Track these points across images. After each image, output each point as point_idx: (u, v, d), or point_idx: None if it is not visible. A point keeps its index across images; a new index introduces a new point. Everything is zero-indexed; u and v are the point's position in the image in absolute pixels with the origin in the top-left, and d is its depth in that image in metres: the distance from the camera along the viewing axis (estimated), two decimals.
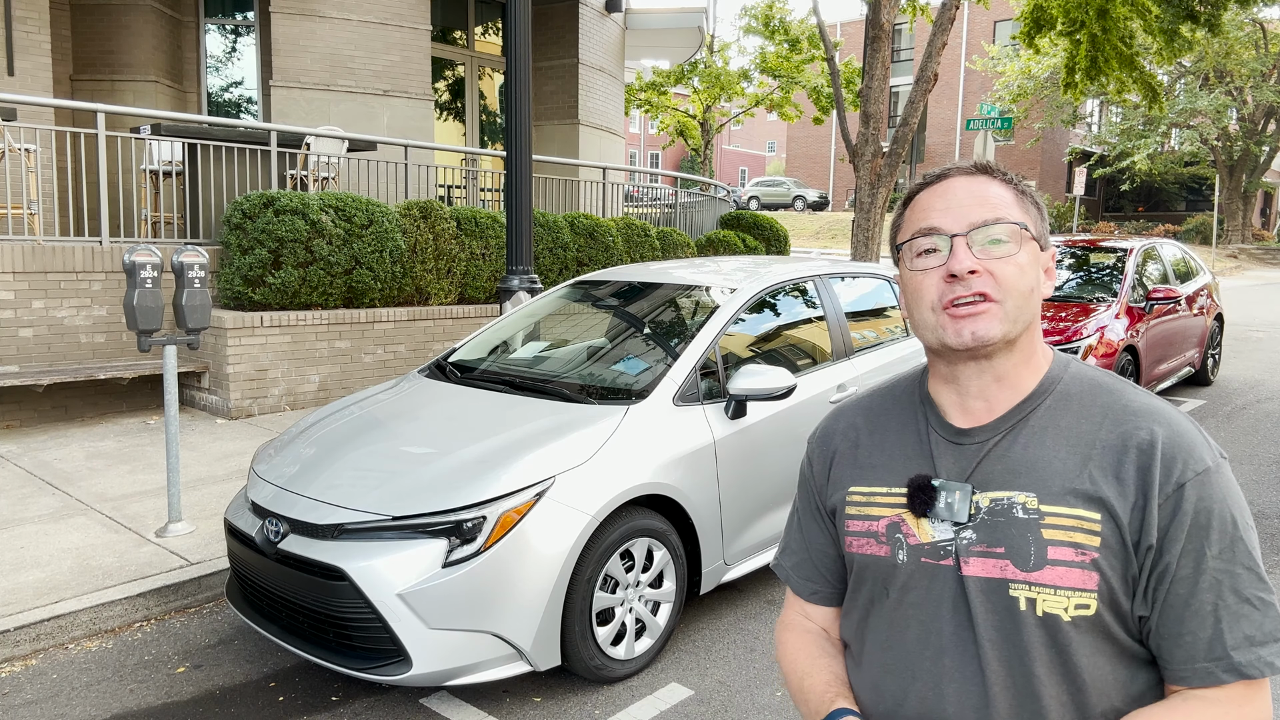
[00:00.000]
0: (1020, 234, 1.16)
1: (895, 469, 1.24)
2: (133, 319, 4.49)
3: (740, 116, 38.14)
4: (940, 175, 1.22)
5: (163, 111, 7.68)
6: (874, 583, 1.23)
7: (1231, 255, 32.74)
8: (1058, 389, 1.19)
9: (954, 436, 1.20)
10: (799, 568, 1.38)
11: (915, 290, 1.18)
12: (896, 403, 1.30)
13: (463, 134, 13.18)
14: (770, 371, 3.90)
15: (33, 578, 4.12)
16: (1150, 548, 1.08)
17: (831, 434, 1.36)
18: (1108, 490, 1.10)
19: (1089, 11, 11.09)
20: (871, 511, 1.24)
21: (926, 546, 1.18)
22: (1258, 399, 9.10)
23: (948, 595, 1.16)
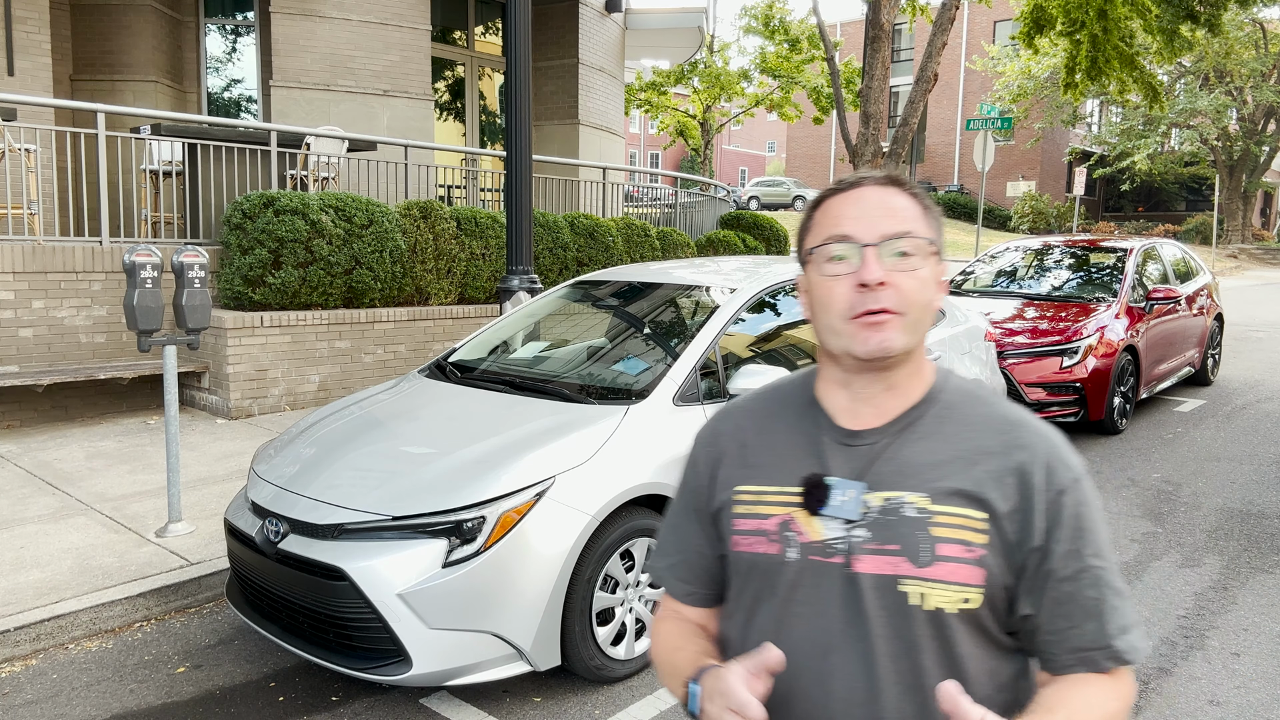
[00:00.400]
0: (926, 249, 1.21)
1: (785, 469, 1.25)
2: (133, 319, 4.49)
3: (740, 116, 38.14)
4: (853, 183, 1.24)
5: (163, 111, 7.69)
6: (761, 581, 1.24)
7: (1231, 255, 32.75)
8: (942, 398, 1.25)
9: (845, 439, 1.23)
10: (675, 569, 1.37)
11: (825, 296, 1.20)
12: (784, 405, 1.32)
13: (463, 134, 13.18)
14: (770, 372, 3.91)
15: (33, 578, 4.12)
16: (1034, 549, 1.16)
17: (718, 435, 1.35)
18: (992, 493, 1.17)
19: (1089, 11, 11.09)
20: (761, 510, 1.25)
21: (817, 544, 1.20)
22: (1258, 399, 9.10)
23: (836, 592, 1.18)
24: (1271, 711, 3.34)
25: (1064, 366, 7.22)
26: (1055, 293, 8.54)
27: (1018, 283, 9.01)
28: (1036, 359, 7.29)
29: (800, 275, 1.29)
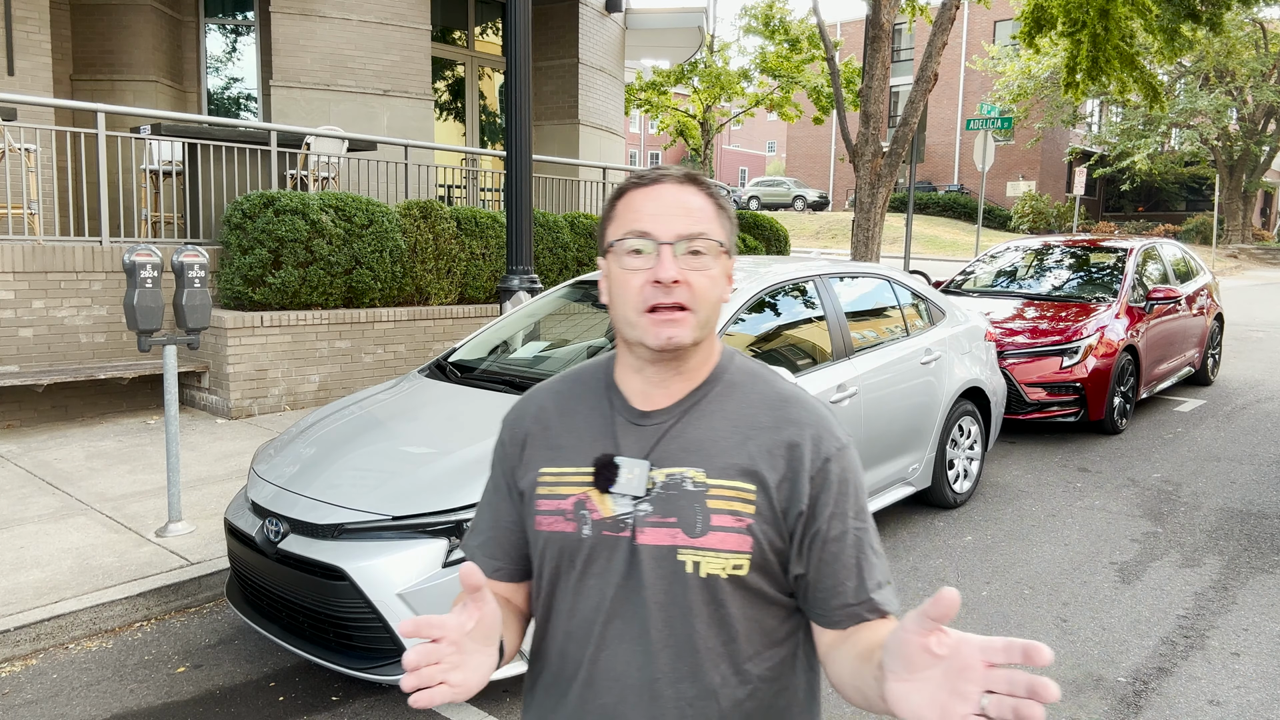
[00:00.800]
0: (717, 249, 1.28)
1: (583, 450, 1.32)
2: (133, 319, 4.49)
3: (740, 116, 38.12)
4: (654, 179, 1.29)
5: (163, 111, 7.69)
6: (561, 558, 1.31)
7: (1231, 255, 32.75)
8: (725, 378, 1.35)
9: (636, 419, 1.31)
10: (485, 546, 1.42)
11: (623, 287, 1.26)
12: (585, 388, 1.39)
13: (463, 134, 13.18)
14: None
15: (33, 578, 4.12)
16: (801, 514, 1.26)
17: (523, 417, 1.41)
18: (762, 465, 1.26)
19: (1090, 11, 11.09)
20: (561, 490, 1.32)
21: (608, 520, 1.27)
22: (1258, 399, 9.10)
23: (622, 564, 1.26)
24: (1271, 711, 3.34)
25: (1064, 366, 7.23)
26: (1055, 293, 8.54)
27: (1018, 282, 9.01)
28: (1036, 359, 7.29)
29: (601, 261, 1.33)
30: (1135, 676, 3.58)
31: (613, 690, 1.28)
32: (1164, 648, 3.80)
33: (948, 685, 0.94)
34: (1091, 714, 3.31)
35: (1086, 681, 3.54)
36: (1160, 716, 3.30)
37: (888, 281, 5.61)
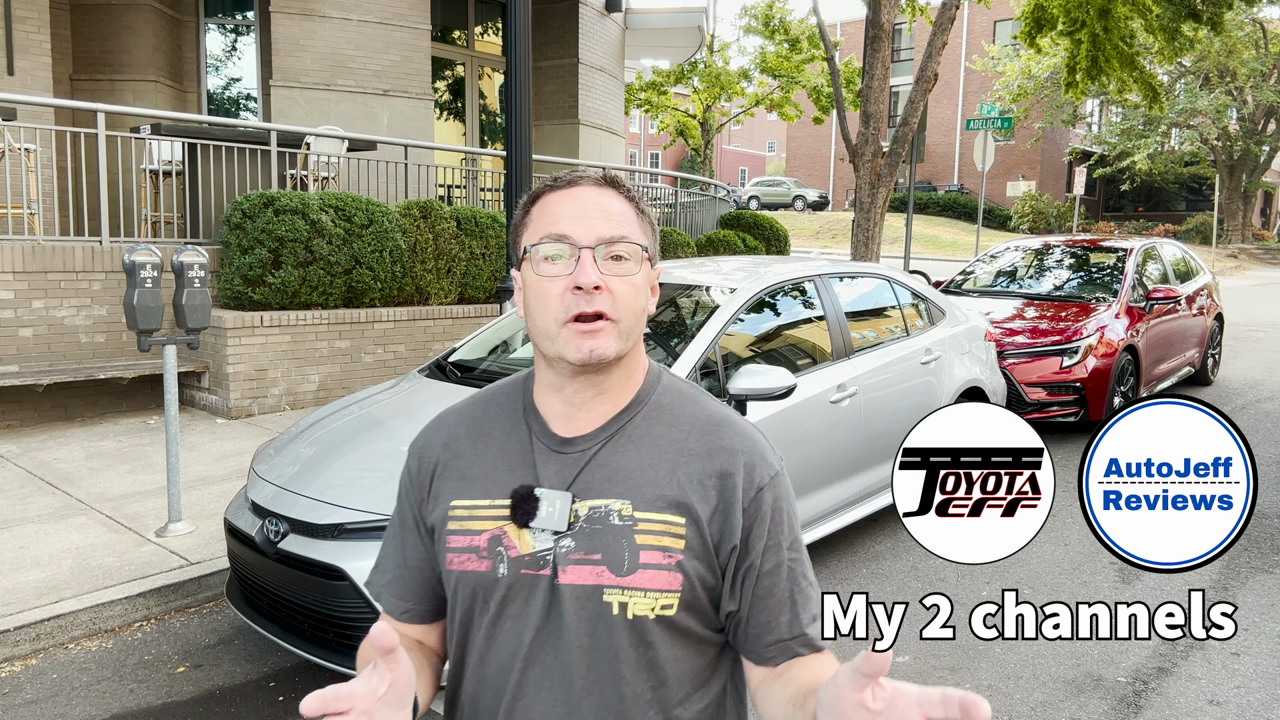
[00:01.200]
0: (640, 254, 1.19)
1: (498, 480, 1.21)
2: (133, 319, 4.49)
3: (740, 116, 38.13)
4: (570, 181, 1.21)
5: (163, 111, 7.69)
6: (474, 599, 1.20)
7: (1231, 255, 32.74)
8: (652, 399, 1.24)
9: (557, 446, 1.21)
10: (392, 585, 1.31)
11: (540, 296, 1.17)
12: (500, 411, 1.28)
13: (463, 134, 13.17)
14: (770, 371, 3.90)
15: (33, 578, 4.12)
16: (734, 548, 1.17)
17: (432, 444, 1.29)
18: (693, 496, 1.17)
19: (1090, 11, 11.09)
20: (473, 526, 1.21)
21: (527, 558, 1.17)
22: (1258, 399, 9.10)
23: (541, 605, 1.16)
24: (1271, 711, 3.34)
25: (1064, 366, 7.23)
26: (1055, 293, 8.54)
27: (1018, 283, 9.01)
28: (1036, 359, 7.29)
29: (515, 273, 1.24)
30: (1135, 676, 3.58)
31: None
32: (1164, 648, 3.80)
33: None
34: (1091, 714, 3.31)
35: (1086, 681, 3.54)
36: (1160, 716, 3.30)
37: (888, 281, 5.61)
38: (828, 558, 4.80)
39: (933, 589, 4.36)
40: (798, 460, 4.30)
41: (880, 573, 4.64)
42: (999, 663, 3.66)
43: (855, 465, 4.69)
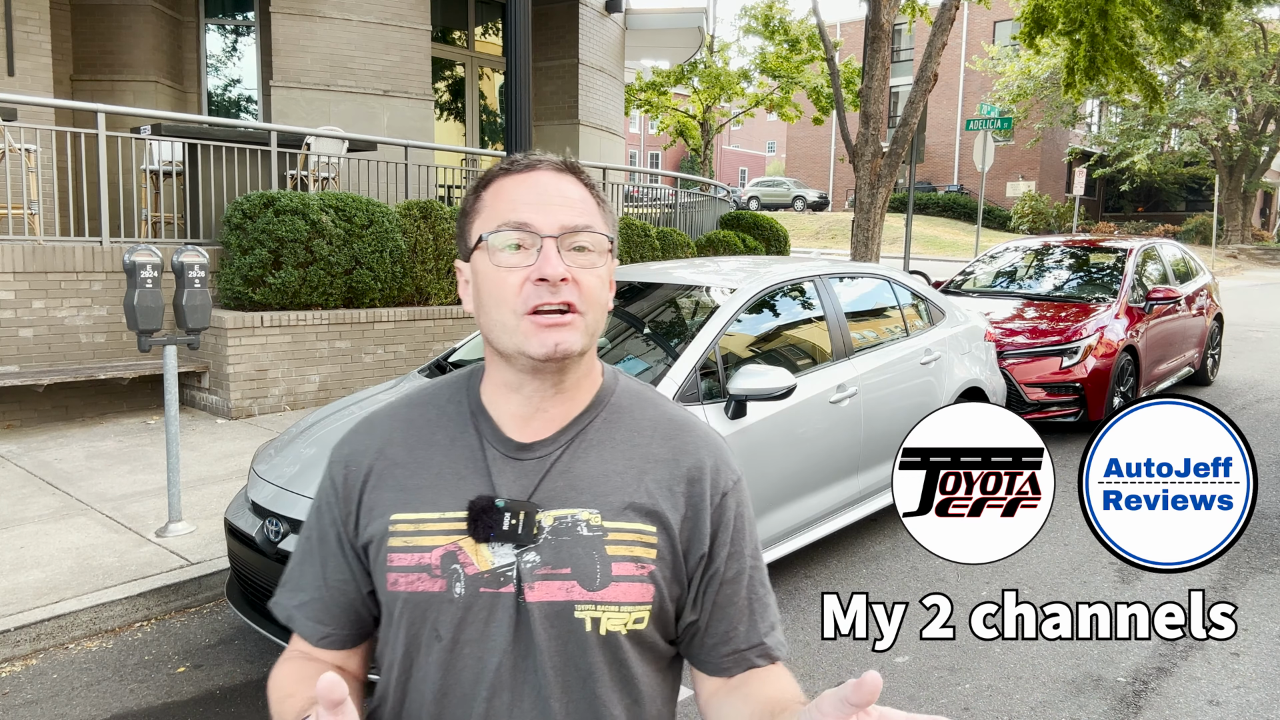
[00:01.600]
0: (604, 245, 1.12)
1: (448, 490, 1.11)
2: (133, 319, 4.49)
3: (740, 117, 38.15)
4: (528, 165, 1.14)
5: (163, 111, 7.69)
6: (423, 624, 1.09)
7: (1231, 255, 32.74)
8: (611, 401, 1.18)
9: (514, 452, 1.12)
10: (308, 608, 1.18)
11: (497, 287, 1.08)
12: (442, 414, 1.17)
13: (463, 134, 13.17)
14: (770, 371, 3.91)
15: (33, 578, 4.12)
16: (703, 556, 1.13)
17: (362, 452, 1.17)
18: (663, 504, 1.12)
19: (1089, 11, 11.09)
20: (422, 542, 1.09)
21: (486, 575, 1.07)
22: (1257, 399, 9.10)
23: (506, 626, 1.07)
24: (1271, 711, 3.34)
25: (1064, 367, 7.23)
26: (1055, 293, 8.54)
27: (1017, 283, 9.01)
28: (1036, 359, 7.29)
29: (461, 264, 1.16)
30: (1135, 676, 3.58)
31: None
32: (1164, 648, 3.80)
33: None
34: (1091, 714, 3.31)
35: (1086, 681, 3.54)
36: (1160, 716, 3.30)
37: (887, 282, 5.61)
38: (828, 558, 4.80)
39: (933, 589, 4.36)
40: (798, 460, 4.30)
41: (880, 573, 4.64)
42: (999, 663, 3.66)
43: (855, 465, 4.69)
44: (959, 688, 3.47)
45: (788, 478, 4.22)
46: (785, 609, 4.17)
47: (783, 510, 4.22)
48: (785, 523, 4.24)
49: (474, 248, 1.13)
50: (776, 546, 4.22)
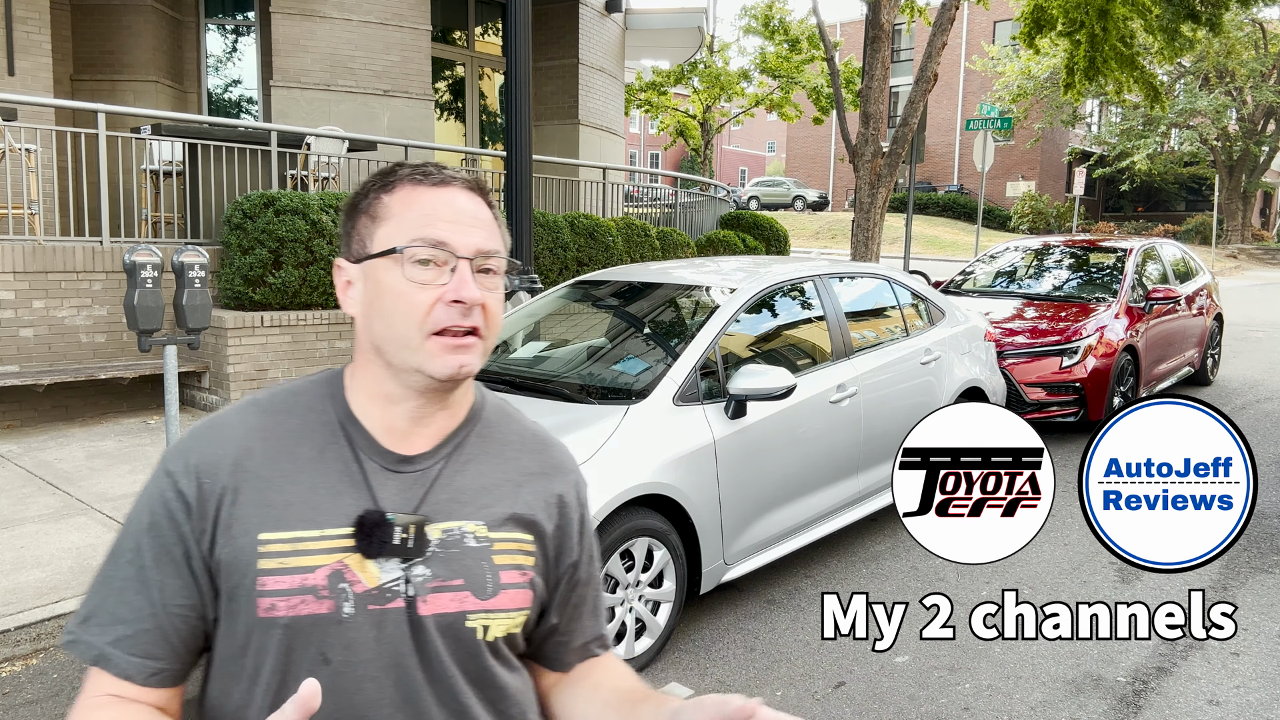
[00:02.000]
0: (504, 268, 1.13)
1: (322, 507, 1.06)
2: (133, 319, 4.49)
3: (740, 116, 38.15)
4: (443, 180, 1.11)
5: (163, 111, 7.69)
6: (308, 649, 1.03)
7: (1231, 255, 32.75)
8: (483, 415, 1.20)
9: (395, 464, 1.10)
10: (132, 641, 1.04)
11: (402, 303, 1.05)
12: (304, 424, 1.11)
13: (463, 134, 13.18)
14: (770, 371, 3.91)
15: (33, 577, 4.12)
16: (573, 564, 1.22)
17: (214, 464, 1.07)
18: (540, 514, 1.17)
19: (1089, 11, 11.10)
20: (303, 562, 1.03)
21: (374, 592, 1.05)
22: (1257, 399, 9.10)
23: (399, 640, 1.06)
24: (1271, 711, 3.34)
25: (1064, 366, 7.23)
26: (1055, 293, 8.54)
27: (1017, 283, 9.02)
28: (1036, 359, 7.29)
29: (346, 264, 1.13)
30: (1135, 676, 3.58)
31: None
32: (1164, 648, 3.80)
33: None
34: (1091, 714, 3.31)
35: (1086, 681, 3.54)
36: (1160, 716, 3.30)
37: (887, 282, 5.61)
38: (828, 558, 4.80)
39: (933, 589, 4.36)
40: (798, 460, 4.30)
41: (880, 573, 4.64)
42: (999, 663, 3.66)
43: (855, 465, 4.69)
44: (959, 688, 3.47)
45: (787, 477, 4.22)
46: (785, 609, 4.17)
47: (783, 510, 4.22)
48: (785, 523, 4.24)
49: (376, 255, 1.09)
50: (776, 546, 4.23)
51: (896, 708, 3.32)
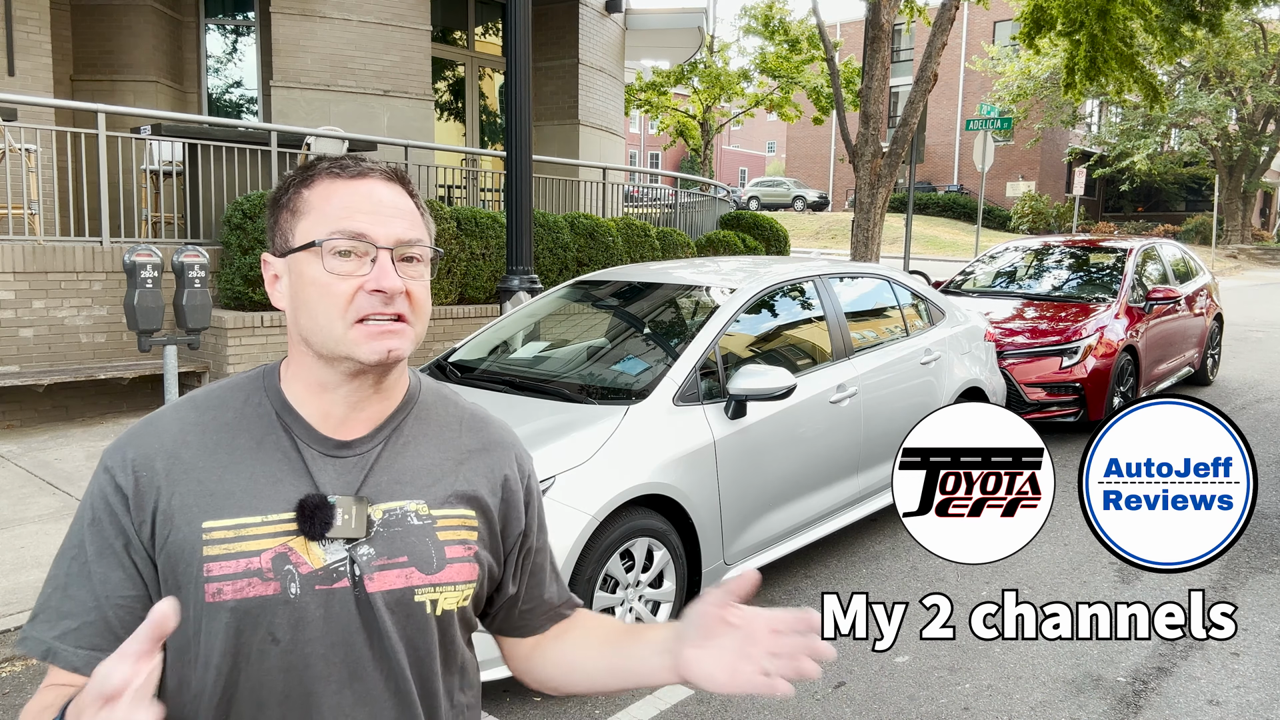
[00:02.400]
0: (429, 255, 1.16)
1: (263, 494, 1.10)
2: (133, 319, 4.49)
3: (740, 117, 38.16)
4: (360, 172, 1.14)
5: (163, 111, 7.69)
6: (257, 630, 1.07)
7: (1231, 255, 32.75)
8: (419, 398, 1.24)
9: (333, 450, 1.14)
10: (77, 634, 1.07)
11: (325, 295, 1.09)
12: (240, 416, 1.15)
13: (463, 134, 13.18)
14: (770, 371, 3.91)
15: (33, 578, 4.12)
16: (520, 534, 1.27)
17: (149, 457, 1.10)
18: (482, 490, 1.22)
19: (1089, 11, 11.10)
20: (247, 547, 1.07)
21: (320, 572, 1.09)
22: (1257, 399, 9.10)
23: (346, 618, 1.10)
24: (1271, 711, 3.34)
25: (1064, 366, 7.23)
26: (1055, 293, 8.55)
27: (1017, 283, 9.02)
28: (1036, 359, 7.29)
29: (272, 259, 1.16)
30: (1135, 676, 3.58)
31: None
32: (1164, 648, 3.80)
33: (739, 650, 1.08)
34: (1091, 714, 3.31)
35: (1086, 681, 3.54)
36: (1160, 716, 3.31)
37: (887, 282, 5.61)
38: (828, 558, 4.80)
39: (933, 589, 4.36)
40: (798, 460, 4.30)
41: (880, 573, 4.64)
42: (999, 663, 3.66)
43: (855, 465, 4.69)
44: (959, 688, 3.47)
45: (787, 477, 4.22)
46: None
47: (783, 510, 4.22)
48: (785, 523, 4.24)
49: (299, 249, 1.12)
50: (776, 546, 4.23)
51: (896, 708, 3.32)
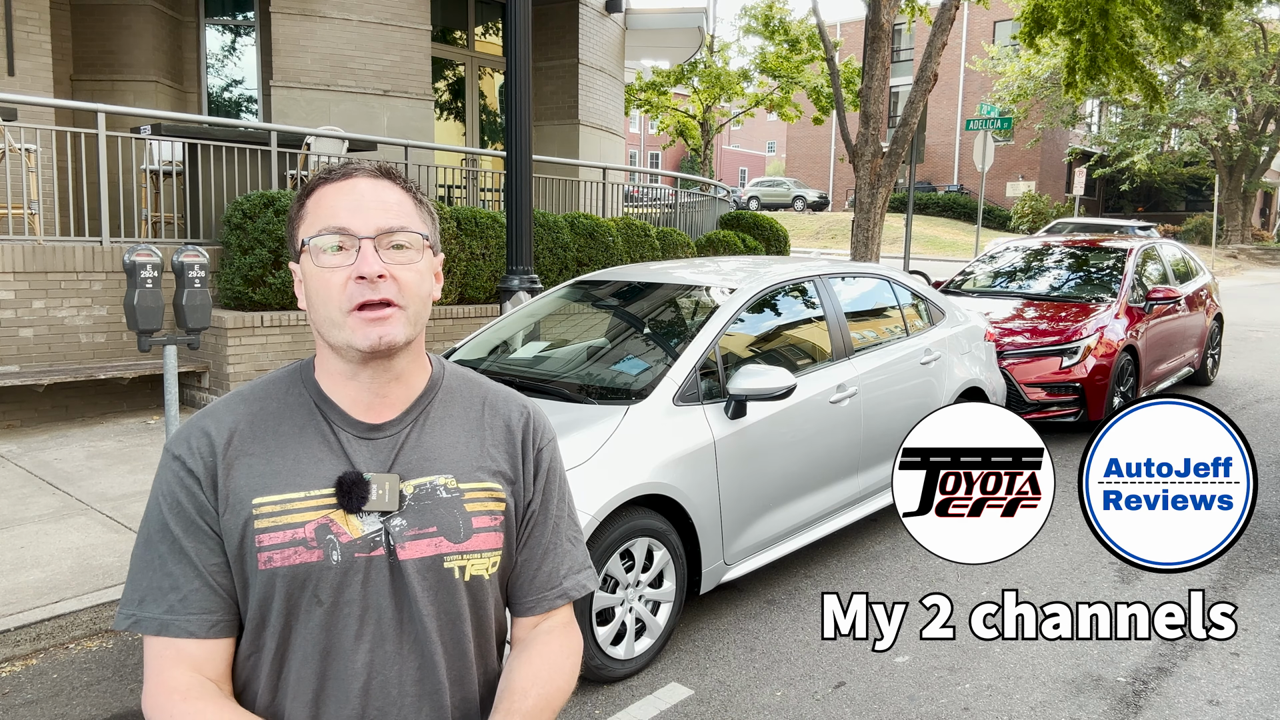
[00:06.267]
0: (421, 243, 1.24)
1: (306, 472, 1.23)
2: (133, 319, 4.49)
3: (740, 116, 38.14)
4: (346, 174, 1.24)
5: (163, 111, 7.69)
6: (303, 592, 1.20)
7: (1231, 255, 32.75)
8: (444, 384, 1.34)
9: (365, 432, 1.26)
10: (188, 602, 1.21)
11: (323, 288, 1.20)
12: (284, 405, 1.27)
13: (463, 134, 13.17)
14: (770, 371, 3.91)
15: (33, 578, 4.12)
16: (529, 502, 1.34)
17: (209, 446, 1.23)
18: (505, 464, 1.32)
19: (1089, 11, 11.10)
20: (292, 519, 1.20)
21: (358, 541, 1.21)
22: (1257, 399, 9.10)
23: (383, 583, 1.22)
24: (1271, 711, 3.34)
25: (1063, 366, 7.23)
26: (1054, 293, 8.54)
27: (1017, 283, 9.01)
28: (1036, 359, 7.29)
29: (294, 266, 1.27)
30: (1135, 676, 3.58)
31: (394, 715, 1.22)
32: (1164, 648, 3.80)
33: None
34: (1091, 714, 3.31)
35: (1086, 681, 3.54)
36: (1160, 716, 3.30)
37: (887, 282, 5.61)
38: (828, 558, 4.80)
39: (933, 589, 4.36)
40: (798, 460, 4.30)
41: (880, 573, 4.64)
42: (999, 663, 3.66)
43: (855, 465, 4.69)
44: (959, 688, 3.47)
45: (787, 477, 4.22)
46: (785, 609, 4.17)
47: (783, 510, 4.22)
48: (785, 523, 4.24)
49: (300, 251, 1.23)
50: (776, 546, 4.23)
51: (896, 708, 3.32)
